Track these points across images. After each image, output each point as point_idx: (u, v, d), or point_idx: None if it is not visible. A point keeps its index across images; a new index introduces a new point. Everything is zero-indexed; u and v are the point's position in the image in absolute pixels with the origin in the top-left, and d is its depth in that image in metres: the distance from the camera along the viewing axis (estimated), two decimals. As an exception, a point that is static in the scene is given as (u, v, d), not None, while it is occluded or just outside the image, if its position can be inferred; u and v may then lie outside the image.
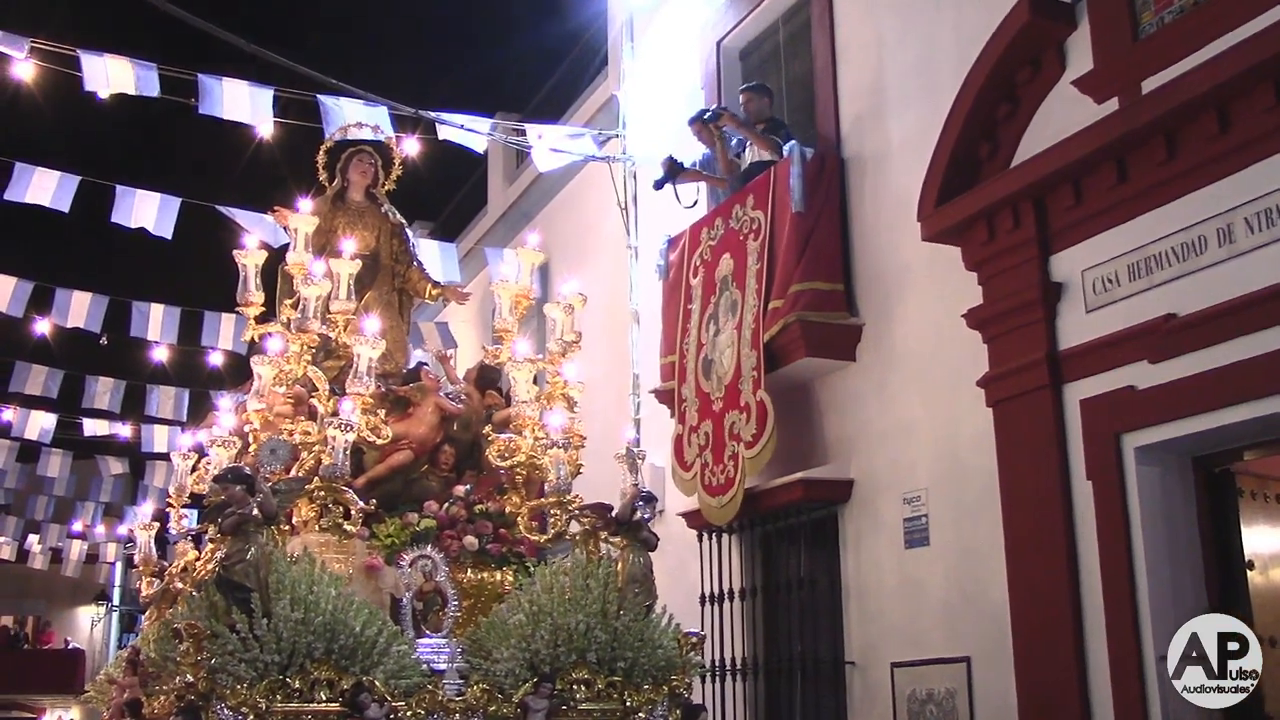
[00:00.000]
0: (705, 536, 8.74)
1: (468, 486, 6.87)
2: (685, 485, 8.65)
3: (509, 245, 12.34)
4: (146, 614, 7.82)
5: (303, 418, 6.52)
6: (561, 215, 12.45)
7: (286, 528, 6.00)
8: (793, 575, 8.11)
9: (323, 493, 6.00)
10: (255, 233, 8.43)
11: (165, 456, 17.02)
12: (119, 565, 25.94)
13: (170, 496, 7.31)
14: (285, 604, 5.19)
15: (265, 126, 9.53)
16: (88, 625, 28.92)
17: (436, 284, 7.89)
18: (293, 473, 6.16)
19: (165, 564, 7.57)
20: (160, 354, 14.15)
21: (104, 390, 15.45)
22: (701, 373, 8.61)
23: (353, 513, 6.02)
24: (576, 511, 6.19)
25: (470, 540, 6.43)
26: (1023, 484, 6.36)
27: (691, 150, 9.24)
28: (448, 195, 16.40)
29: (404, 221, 7.85)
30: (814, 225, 7.89)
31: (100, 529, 22.34)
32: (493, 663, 5.62)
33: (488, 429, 6.87)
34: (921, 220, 6.94)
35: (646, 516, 5.93)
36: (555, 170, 11.49)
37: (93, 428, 16.67)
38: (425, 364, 7.57)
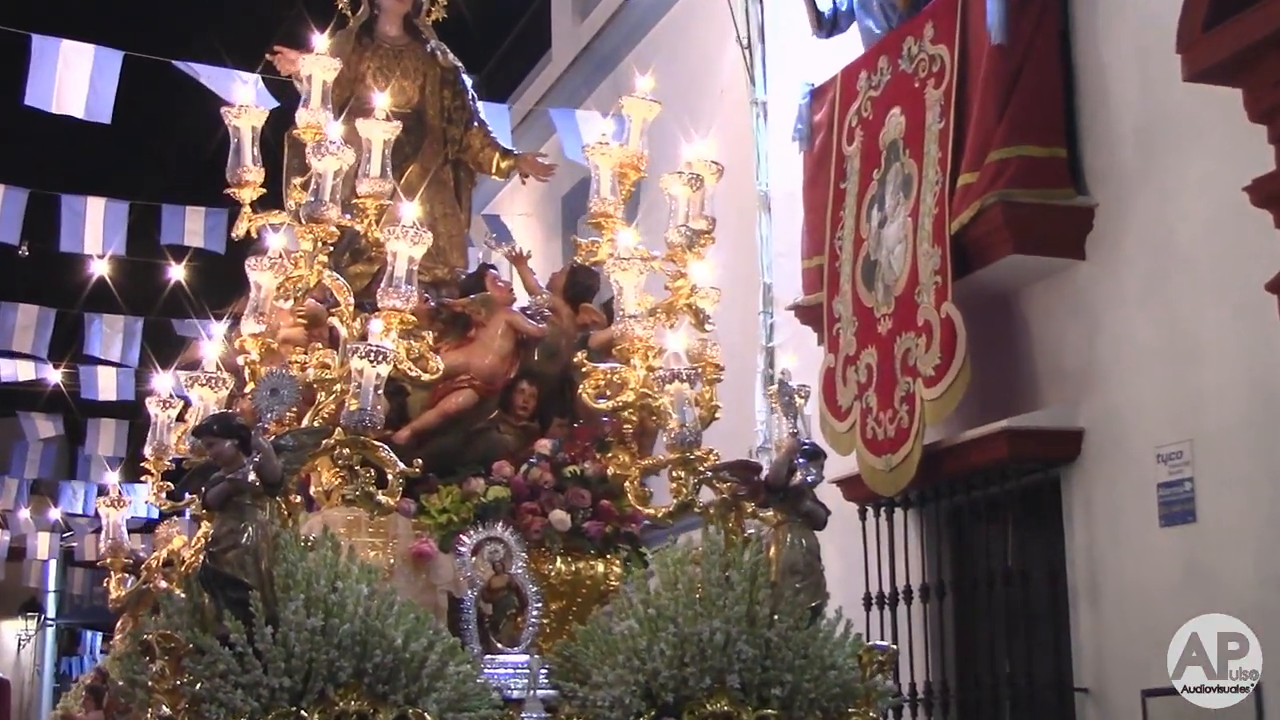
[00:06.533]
0: (870, 512, 8.84)
1: (555, 441, 6.95)
2: (840, 440, 8.71)
3: (582, 105, 12.56)
4: (118, 625, 7.98)
5: (319, 345, 6.63)
6: (656, 61, 12.31)
7: (298, 500, 6.07)
8: (996, 566, 8.14)
9: (348, 450, 6.03)
10: (233, 95, 8.34)
11: (112, 411, 17.26)
12: (54, 563, 26.52)
13: (147, 460, 7.40)
14: (298, 607, 5.27)
15: None
16: (14, 645, 29.70)
17: (508, 152, 8.00)
18: (305, 422, 6.20)
19: (141, 555, 7.77)
20: (102, 268, 14.22)
21: (26, 321, 15.58)
22: (862, 280, 8.66)
23: (391, 478, 6.05)
24: (710, 474, 6.21)
25: (559, 516, 6.55)
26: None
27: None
28: (495, 39, 16.62)
29: (459, 65, 7.88)
30: (1022, 65, 7.85)
31: (25, 513, 22.78)
32: (592, 689, 5.70)
33: (581, 356, 6.82)
34: (1183, 52, 6.79)
35: (810, 479, 5.98)
36: (646, -4, 11.71)
37: (12, 371, 16.90)
38: (493, 267, 7.58)
